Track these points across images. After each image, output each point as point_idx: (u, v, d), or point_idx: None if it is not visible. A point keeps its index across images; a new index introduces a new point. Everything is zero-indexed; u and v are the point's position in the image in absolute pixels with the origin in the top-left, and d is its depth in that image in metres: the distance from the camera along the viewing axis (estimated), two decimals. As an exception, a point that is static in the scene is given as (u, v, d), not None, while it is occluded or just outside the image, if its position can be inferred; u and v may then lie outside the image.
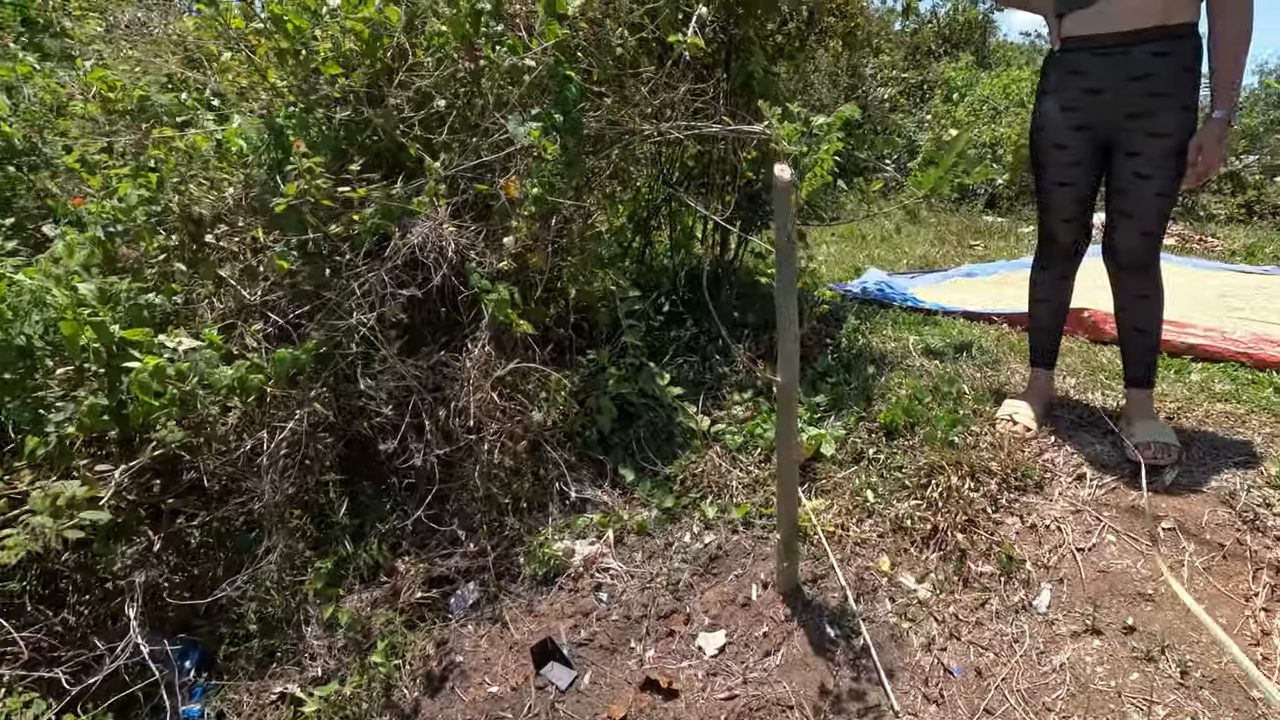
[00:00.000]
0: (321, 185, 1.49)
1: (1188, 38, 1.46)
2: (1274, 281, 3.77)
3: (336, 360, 1.88)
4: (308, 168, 1.46)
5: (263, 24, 1.56)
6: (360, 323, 1.77)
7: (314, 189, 1.47)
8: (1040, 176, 1.70)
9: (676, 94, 2.12)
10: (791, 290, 1.36)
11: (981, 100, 8.21)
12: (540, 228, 2.03)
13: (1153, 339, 1.65)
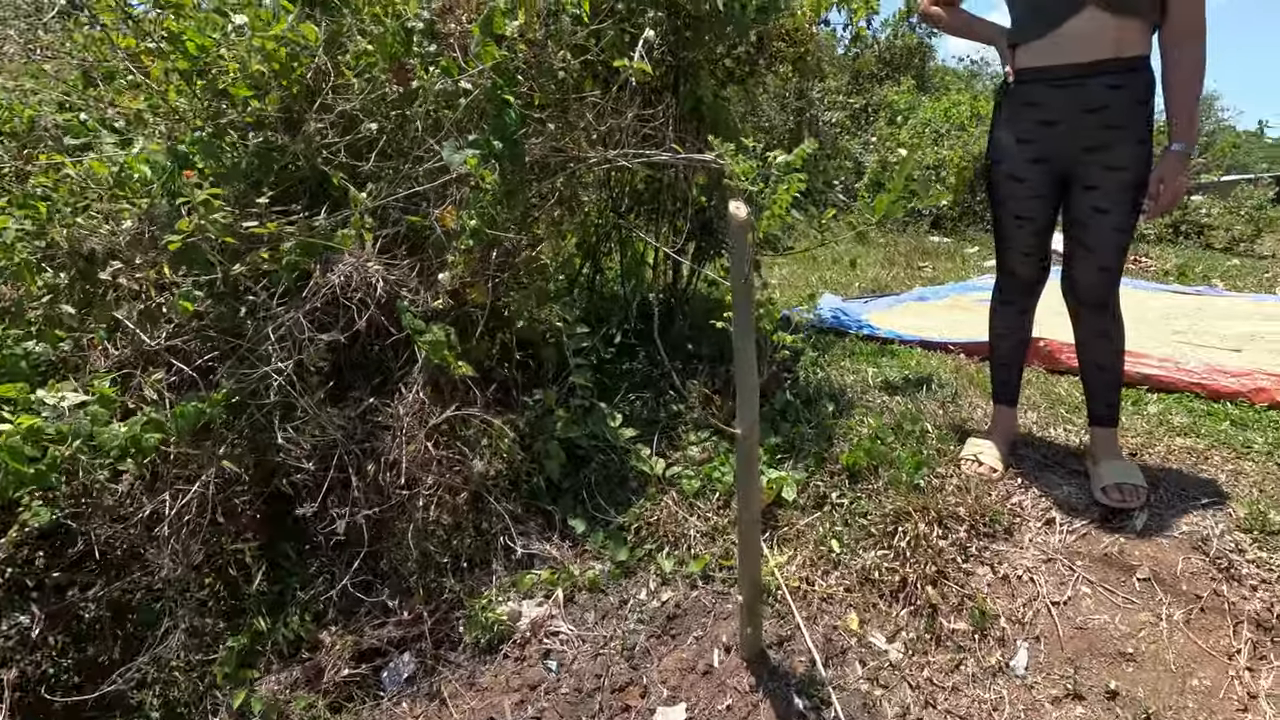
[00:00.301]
0: (220, 220, 1.32)
1: (1141, 71, 1.44)
2: (1210, 302, 3.88)
3: (252, 411, 1.69)
4: (203, 200, 1.29)
5: (156, 43, 1.39)
6: (276, 370, 1.60)
7: (212, 225, 1.30)
8: (998, 210, 1.65)
9: (624, 119, 2.02)
10: (749, 335, 1.25)
11: (924, 123, 8.43)
12: (480, 261, 1.90)
13: (1114, 375, 1.61)
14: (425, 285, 1.80)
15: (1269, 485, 1.58)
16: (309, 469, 1.67)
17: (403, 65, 1.84)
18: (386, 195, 1.78)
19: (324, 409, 1.70)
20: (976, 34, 1.69)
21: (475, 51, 1.76)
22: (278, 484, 1.74)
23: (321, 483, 1.67)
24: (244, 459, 1.69)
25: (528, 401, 2.04)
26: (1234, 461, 1.70)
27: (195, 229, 1.31)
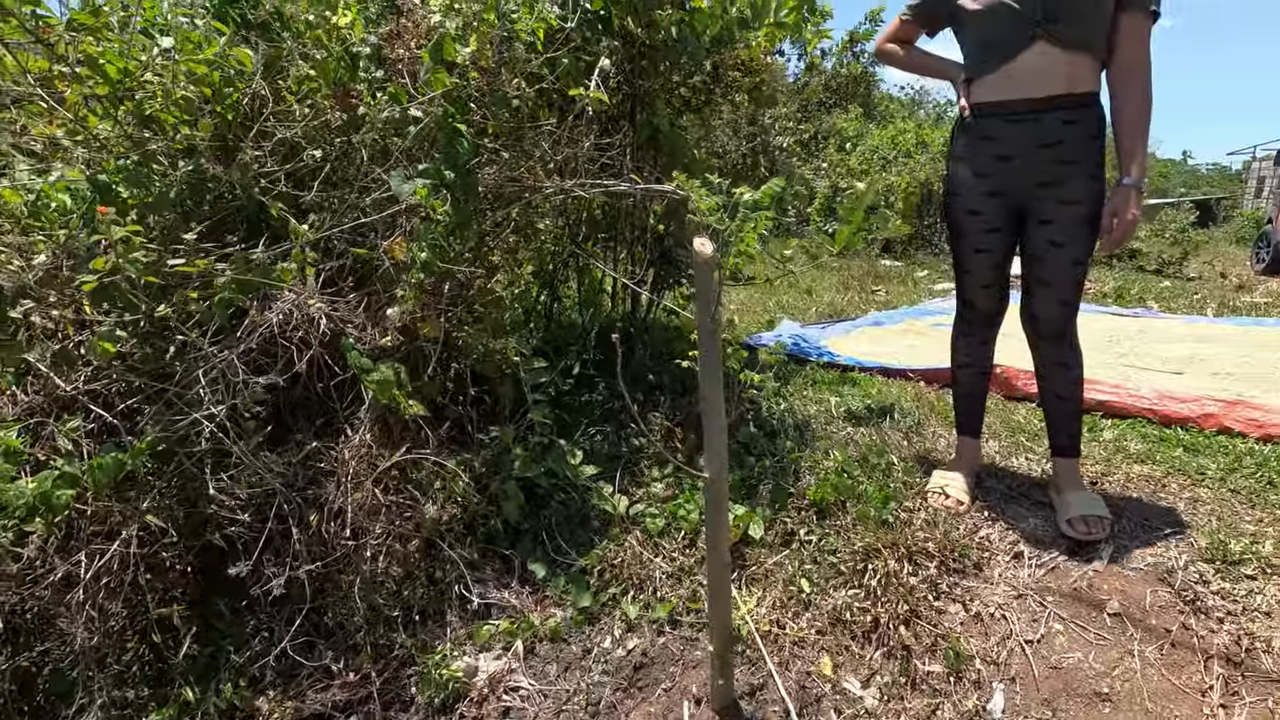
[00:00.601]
0: (141, 259, 1.21)
1: (1092, 106, 1.46)
2: (1150, 324, 4.03)
3: (181, 459, 1.56)
4: (122, 237, 1.18)
5: (70, 68, 1.28)
6: (208, 415, 1.48)
7: (131, 264, 1.19)
8: (957, 243, 1.65)
9: (581, 149, 1.97)
10: (716, 376, 1.20)
11: (872, 150, 8.67)
12: (431, 294, 1.81)
13: (1074, 405, 1.62)
14: (372, 321, 1.71)
15: (1225, 513, 1.61)
16: (244, 520, 1.55)
17: (347, 91, 1.76)
18: (331, 227, 1.69)
19: (261, 455, 1.58)
20: (931, 70, 1.70)
21: (425, 78, 1.69)
22: (209, 537, 1.61)
23: (258, 535, 1.55)
24: (172, 511, 1.56)
25: (483, 440, 1.95)
26: (1190, 489, 1.72)
27: (112, 268, 1.19)
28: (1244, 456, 1.89)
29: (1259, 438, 2.01)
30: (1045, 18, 1.40)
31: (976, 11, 1.48)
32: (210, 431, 1.50)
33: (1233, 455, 1.90)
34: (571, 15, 1.90)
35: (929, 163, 7.92)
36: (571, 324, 3.01)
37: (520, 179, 1.89)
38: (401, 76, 1.82)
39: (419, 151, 1.81)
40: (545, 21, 1.84)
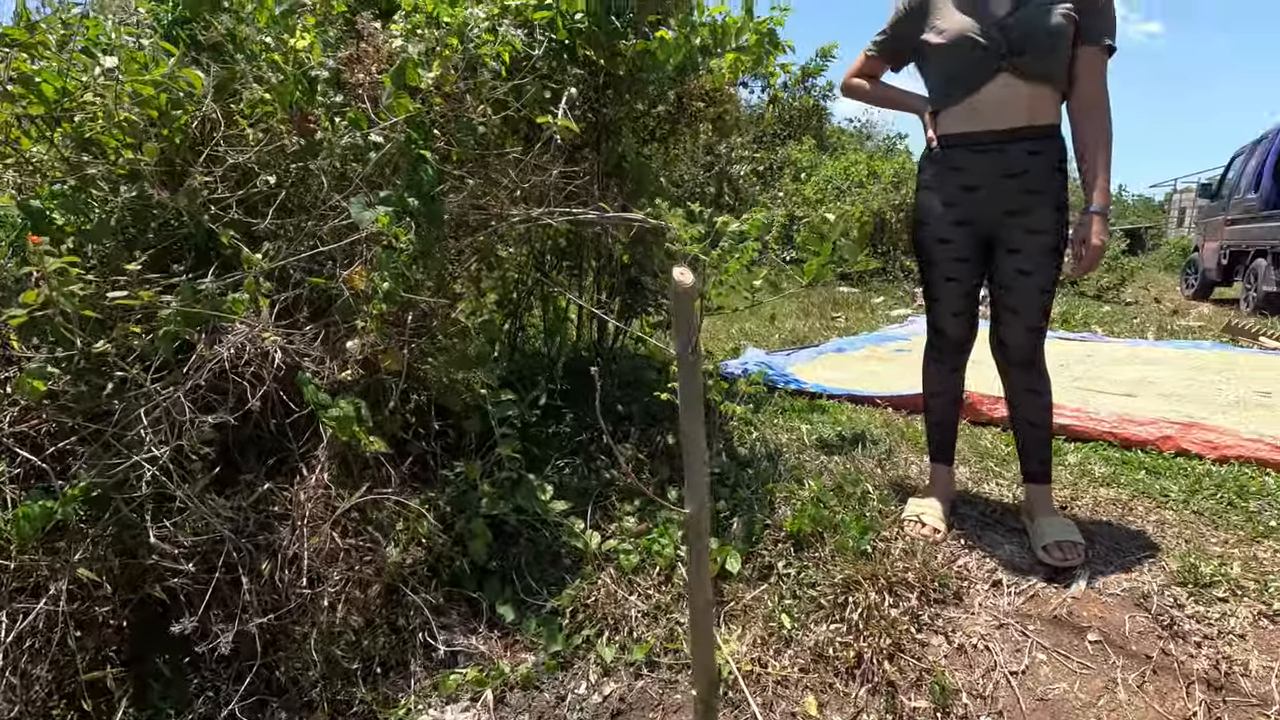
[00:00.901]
0: (78, 291, 1.12)
1: (1055, 139, 1.51)
2: (1097, 348, 4.17)
3: (118, 505, 1.44)
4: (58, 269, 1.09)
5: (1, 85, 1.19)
6: (150, 458, 1.37)
7: (66, 298, 1.10)
8: (927, 272, 1.67)
9: (548, 176, 1.94)
10: (697, 410, 1.16)
11: (825, 180, 8.90)
12: (393, 325, 1.74)
13: (1046, 431, 1.64)
14: (331, 354, 1.62)
15: (1191, 535, 1.64)
16: (189, 570, 1.43)
17: (305, 115, 1.70)
18: (286, 255, 1.61)
19: (207, 499, 1.47)
20: (897, 103, 1.73)
21: (387, 103, 1.64)
22: (149, 590, 1.48)
23: (204, 586, 1.43)
24: (106, 563, 1.43)
25: (448, 476, 1.87)
26: (1156, 511, 1.75)
27: (44, 302, 1.10)
28: (1203, 478, 1.94)
29: (1215, 459, 2.07)
30: (1010, 51, 1.44)
31: (941, 45, 1.51)
32: (152, 475, 1.39)
33: (1193, 477, 1.95)
34: (538, 43, 1.88)
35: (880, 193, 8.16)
36: (536, 353, 2.95)
37: (486, 207, 1.85)
38: (361, 101, 1.77)
39: (379, 178, 1.75)
40: (510, 46, 1.82)
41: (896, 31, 1.64)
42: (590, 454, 2.23)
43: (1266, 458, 2.02)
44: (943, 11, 1.52)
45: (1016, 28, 1.43)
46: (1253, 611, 1.38)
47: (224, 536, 1.46)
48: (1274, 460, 2.01)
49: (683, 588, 1.68)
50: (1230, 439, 2.10)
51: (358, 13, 1.98)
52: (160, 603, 1.50)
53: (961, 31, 1.47)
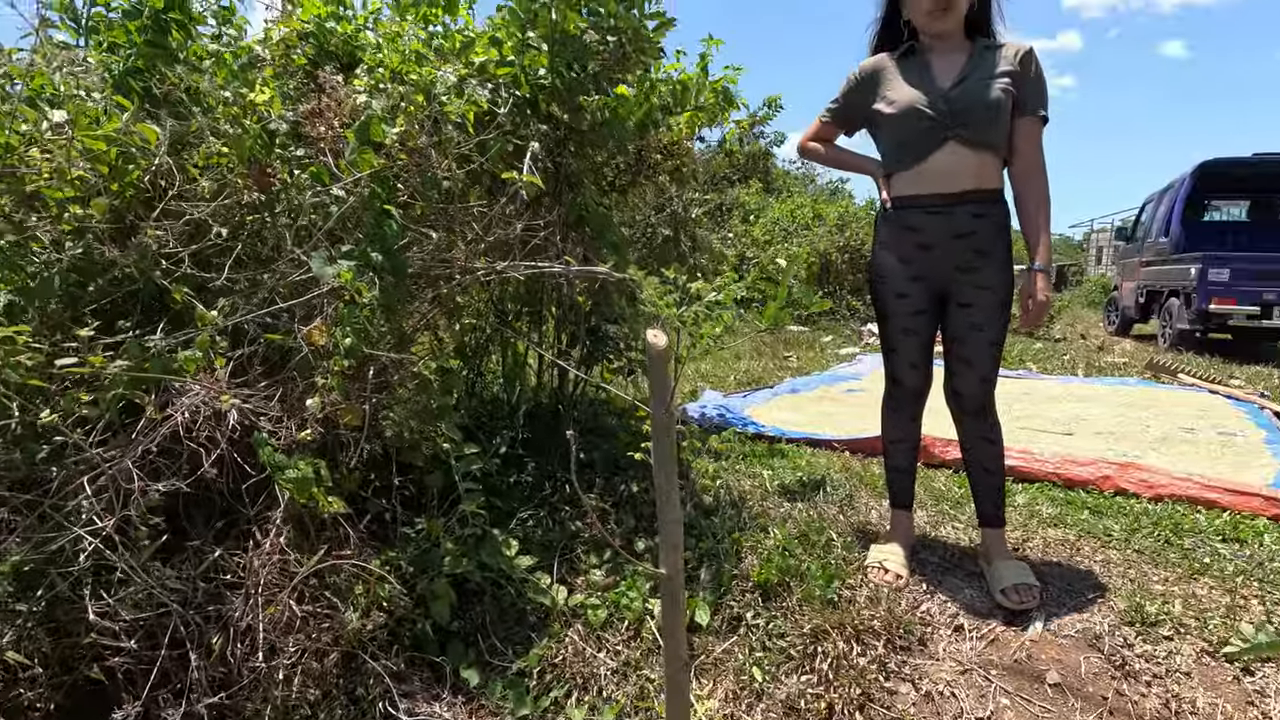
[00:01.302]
0: (26, 362, 1.06)
1: (999, 202, 1.61)
2: (1034, 386, 4.38)
3: (53, 580, 1.35)
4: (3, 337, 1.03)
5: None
6: (92, 530, 1.29)
7: (13, 369, 1.04)
8: (885, 324, 1.74)
9: (512, 230, 1.95)
10: (671, 469, 1.17)
11: (773, 222, 9.19)
12: (354, 380, 1.70)
13: (999, 477, 1.71)
14: (288, 412, 1.57)
15: (1135, 574, 1.72)
16: (131, 648, 1.35)
17: (264, 169, 1.68)
18: (242, 311, 1.57)
19: (152, 569, 1.39)
20: (851, 165, 1.82)
21: (350, 158, 1.63)
22: (85, 671, 1.38)
23: (148, 664, 1.35)
24: (38, 643, 1.34)
25: (409, 534, 1.81)
26: (1101, 551, 1.84)
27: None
28: (1141, 517, 2.05)
29: (1151, 498, 2.18)
30: (955, 122, 1.55)
31: (892, 115, 1.60)
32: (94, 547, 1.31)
33: (1131, 516, 2.06)
34: (504, 101, 1.91)
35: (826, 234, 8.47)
36: (495, 400, 2.92)
37: (451, 260, 1.84)
38: (323, 154, 1.76)
39: (340, 231, 1.73)
40: (476, 105, 1.84)
41: (849, 100, 1.73)
42: (554, 505, 2.20)
43: (1196, 495, 2.14)
44: (893, 84, 1.62)
45: (960, 100, 1.54)
46: (1195, 649, 1.45)
47: (170, 609, 1.38)
48: (1203, 498, 2.13)
49: (652, 642, 1.66)
50: (1163, 478, 2.23)
51: (319, 66, 1.98)
52: (98, 684, 1.40)
53: (911, 103, 1.57)
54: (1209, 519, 2.03)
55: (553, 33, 2.07)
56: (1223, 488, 2.14)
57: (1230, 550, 1.84)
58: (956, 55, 1.60)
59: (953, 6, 1.55)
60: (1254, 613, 1.55)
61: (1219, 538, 1.92)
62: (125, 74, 1.66)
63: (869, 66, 1.70)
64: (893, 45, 1.70)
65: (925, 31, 1.61)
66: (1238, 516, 2.03)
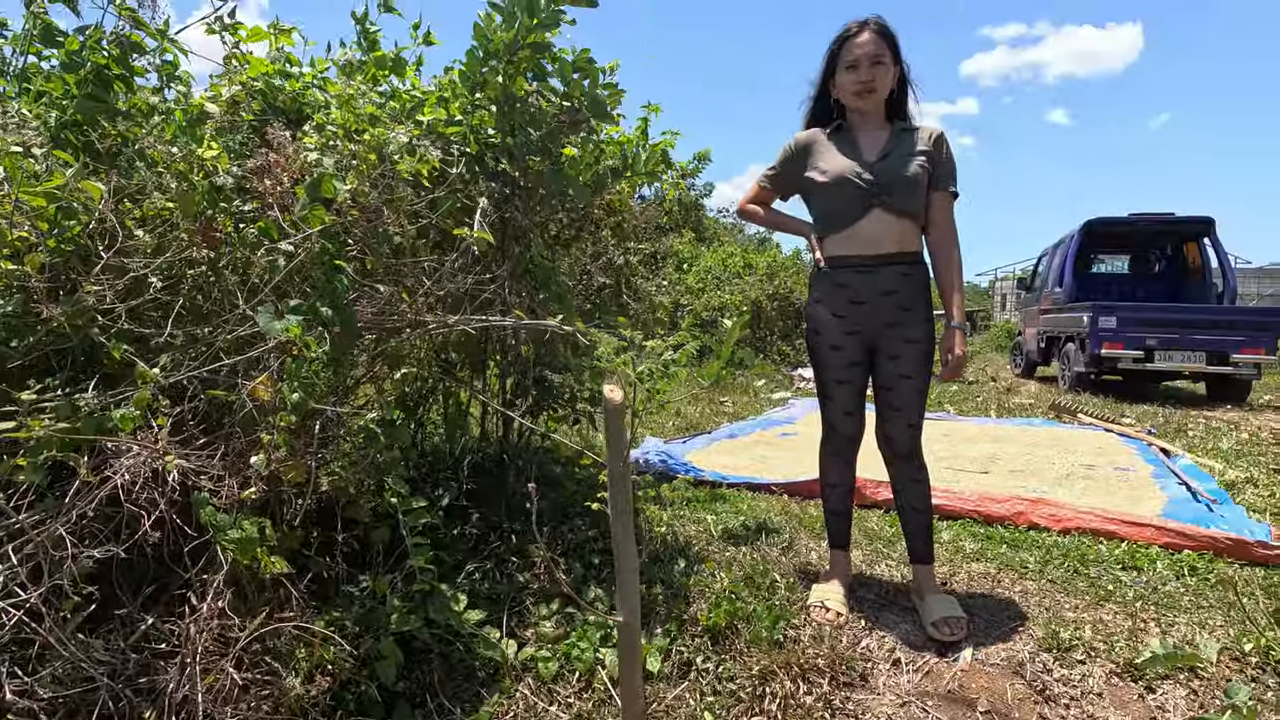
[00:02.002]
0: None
1: (919, 263, 1.78)
2: (953, 427, 4.64)
3: (-38, 658, 1.26)
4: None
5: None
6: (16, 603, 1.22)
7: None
8: (821, 374, 1.87)
9: (463, 284, 1.99)
10: (627, 520, 1.22)
11: (706, 270, 9.50)
12: (299, 435, 1.68)
13: (927, 516, 1.83)
14: (230, 470, 1.54)
15: (1050, 603, 1.86)
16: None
17: (210, 223, 1.67)
18: (184, 368, 1.53)
19: (78, 639, 1.32)
20: (787, 227, 1.97)
21: (300, 215, 1.64)
22: (-5, 757, 1.28)
23: (70, 746, 1.26)
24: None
25: (353, 592, 1.77)
26: (1019, 582, 1.98)
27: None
28: (1052, 549, 2.22)
29: (1060, 530, 2.37)
30: (880, 191, 1.72)
31: (824, 184, 1.76)
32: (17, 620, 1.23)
33: (1044, 548, 2.22)
34: (457, 161, 1.97)
35: (756, 283, 8.81)
36: (437, 451, 2.89)
37: (401, 314, 1.86)
38: (271, 209, 1.76)
39: (288, 285, 1.73)
40: (428, 163, 1.89)
41: (785, 169, 1.89)
42: (501, 557, 2.19)
43: (1098, 527, 2.34)
44: (825, 155, 1.79)
45: (883, 173, 1.72)
46: (1105, 670, 1.58)
47: (99, 683, 1.30)
48: (1104, 529, 2.33)
49: (604, 693, 1.67)
50: (1069, 512, 2.42)
51: (268, 122, 1.99)
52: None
53: (841, 173, 1.74)
54: (1110, 549, 2.22)
55: (502, 95, 2.16)
56: (1120, 520, 2.35)
57: (1129, 577, 2.02)
58: (879, 133, 1.79)
59: (875, 88, 1.73)
60: (1152, 634, 1.70)
61: (1119, 566, 2.10)
62: (62, 126, 1.64)
63: (803, 139, 1.86)
64: (823, 121, 1.87)
65: (851, 109, 1.79)
66: (1134, 545, 2.24)
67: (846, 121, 1.83)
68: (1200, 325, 6.85)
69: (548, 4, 2.05)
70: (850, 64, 1.74)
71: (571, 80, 2.30)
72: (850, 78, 1.75)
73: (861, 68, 1.72)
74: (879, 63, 1.72)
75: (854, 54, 1.73)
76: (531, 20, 2.06)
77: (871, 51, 1.71)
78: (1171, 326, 6.88)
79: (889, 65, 1.73)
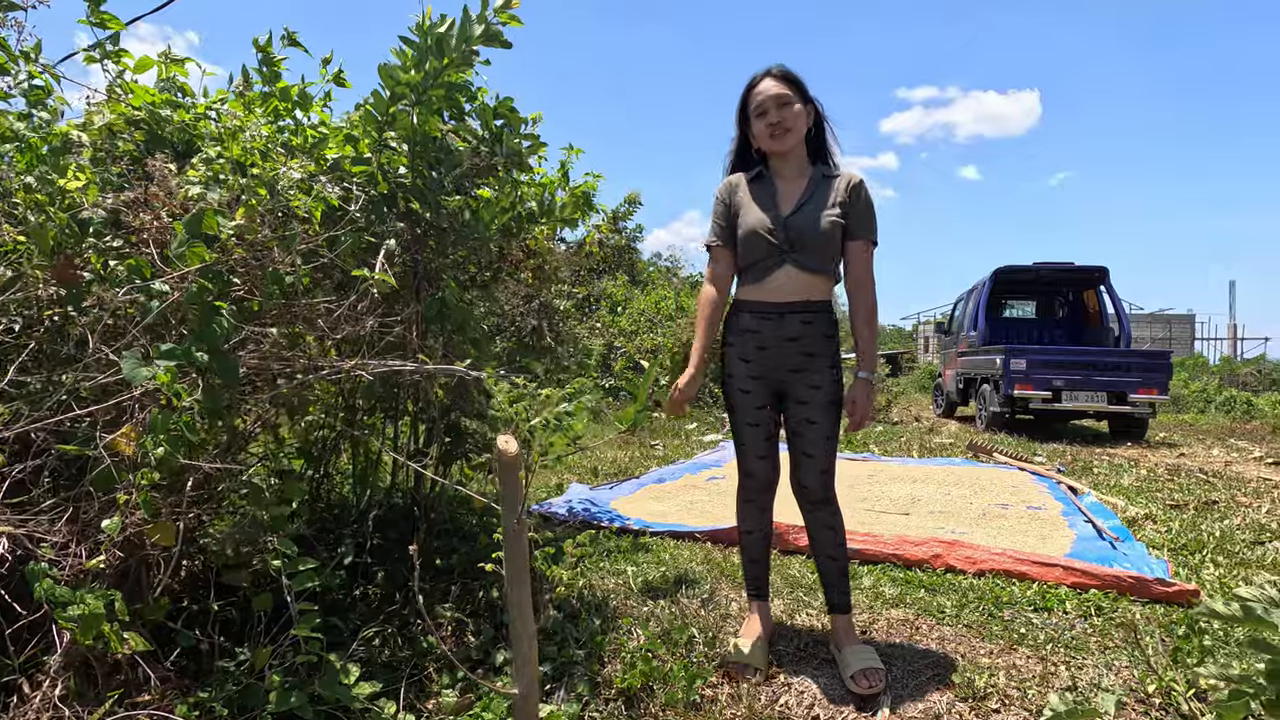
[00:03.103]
0: None
1: (825, 312, 1.78)
2: (878, 468, 4.72)
3: None
4: None
5: None
6: None
7: None
8: (733, 418, 1.84)
9: (363, 326, 1.88)
10: (524, 580, 1.13)
11: (639, 313, 9.53)
12: (169, 493, 1.52)
13: (843, 563, 1.80)
14: (79, 536, 1.36)
15: (965, 649, 1.85)
16: None
17: (69, 260, 1.52)
18: (30, 419, 1.37)
19: None
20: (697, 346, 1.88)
21: (177, 252, 1.52)
22: None
23: None
24: None
25: (227, 668, 1.60)
26: (937, 629, 1.96)
27: None
28: (968, 592, 2.23)
29: (975, 572, 2.39)
30: (791, 248, 1.73)
31: (743, 236, 1.77)
32: None
33: (960, 592, 2.23)
34: (357, 198, 1.88)
35: (688, 325, 8.88)
36: (344, 502, 2.70)
37: (292, 359, 1.73)
38: (147, 246, 1.62)
39: (163, 329, 1.59)
40: (325, 201, 1.80)
41: (724, 219, 1.85)
42: (405, 618, 2.03)
43: (1011, 569, 2.38)
44: (745, 206, 1.79)
45: (794, 228, 1.72)
46: (1019, 719, 1.56)
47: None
48: (1016, 570, 2.37)
49: (509, 770, 1.54)
50: (984, 554, 2.45)
51: (150, 154, 1.86)
52: None
53: (755, 228, 1.74)
54: (1022, 590, 2.25)
55: (413, 134, 2.10)
56: (1031, 560, 2.39)
57: (1040, 619, 2.04)
58: (799, 180, 1.79)
59: (789, 131, 1.75)
60: (1062, 678, 1.70)
61: (1031, 607, 2.12)
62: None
63: (727, 186, 1.86)
64: (746, 166, 1.88)
65: (772, 154, 1.80)
66: (1045, 586, 2.27)
67: (768, 169, 1.84)
68: (1101, 367, 7.30)
69: (459, 44, 2.01)
70: (759, 111, 1.76)
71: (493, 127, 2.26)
72: (761, 124, 1.76)
73: (770, 111, 1.74)
74: (785, 104, 1.74)
75: (759, 100, 1.76)
76: (442, 60, 2.02)
77: (776, 94, 1.74)
78: (1075, 368, 7.30)
79: (797, 104, 1.75)
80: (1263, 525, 3.26)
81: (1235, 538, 2.99)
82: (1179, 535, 3.01)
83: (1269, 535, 3.08)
